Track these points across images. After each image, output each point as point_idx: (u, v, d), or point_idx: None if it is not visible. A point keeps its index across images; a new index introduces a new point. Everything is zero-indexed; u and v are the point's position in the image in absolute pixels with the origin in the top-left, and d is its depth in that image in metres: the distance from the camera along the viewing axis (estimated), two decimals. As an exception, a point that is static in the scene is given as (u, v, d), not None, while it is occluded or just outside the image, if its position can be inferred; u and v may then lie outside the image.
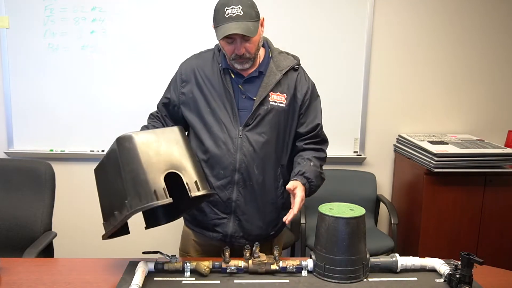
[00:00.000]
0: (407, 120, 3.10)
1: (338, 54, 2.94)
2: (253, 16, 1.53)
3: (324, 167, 3.05)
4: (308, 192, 1.65)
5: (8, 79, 2.85)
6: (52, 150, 2.93)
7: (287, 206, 1.73)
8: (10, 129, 2.91)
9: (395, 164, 3.12)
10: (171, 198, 1.36)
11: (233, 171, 1.63)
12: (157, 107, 1.81)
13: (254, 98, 1.63)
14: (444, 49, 3.04)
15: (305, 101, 1.70)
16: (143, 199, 1.34)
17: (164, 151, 1.45)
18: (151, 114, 1.84)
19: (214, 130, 1.64)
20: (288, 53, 1.75)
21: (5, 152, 2.92)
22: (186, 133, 1.78)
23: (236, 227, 1.67)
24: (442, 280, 1.48)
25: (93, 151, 2.93)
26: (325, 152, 1.78)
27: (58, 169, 2.26)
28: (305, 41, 2.91)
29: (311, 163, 1.67)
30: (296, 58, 1.75)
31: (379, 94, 3.04)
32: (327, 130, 2.98)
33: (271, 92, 1.64)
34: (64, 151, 2.93)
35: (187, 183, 1.42)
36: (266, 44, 1.73)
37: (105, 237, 1.46)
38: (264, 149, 1.64)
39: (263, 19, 1.60)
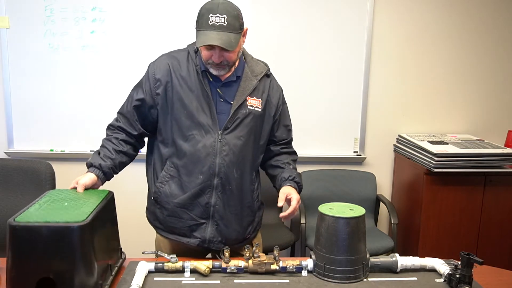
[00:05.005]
0: (407, 120, 3.10)
1: (338, 54, 2.94)
2: (236, 27, 1.51)
3: (324, 167, 3.10)
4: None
5: (8, 79, 2.85)
6: (52, 150, 2.93)
7: (261, 209, 1.81)
8: (10, 129, 2.91)
9: (395, 164, 3.12)
10: None
11: (212, 175, 1.60)
12: (123, 113, 1.69)
13: (232, 102, 1.62)
14: (444, 49, 3.04)
15: (279, 107, 1.75)
16: None
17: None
18: (110, 125, 1.71)
19: (192, 133, 1.59)
20: (258, 60, 1.77)
21: (5, 152, 2.92)
22: (146, 140, 1.75)
23: (214, 231, 1.64)
24: (442, 280, 1.48)
25: (93, 151, 2.88)
26: (296, 154, 1.86)
27: (58, 169, 2.27)
28: (305, 41, 2.91)
29: (291, 167, 1.77)
30: (265, 64, 1.77)
31: (379, 94, 3.04)
32: (327, 130, 3.03)
33: (248, 97, 1.65)
34: (64, 151, 2.93)
35: None
36: None
37: None
38: (243, 152, 1.64)
39: (246, 29, 1.59)
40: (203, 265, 1.48)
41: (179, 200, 1.63)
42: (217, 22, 1.48)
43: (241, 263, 1.49)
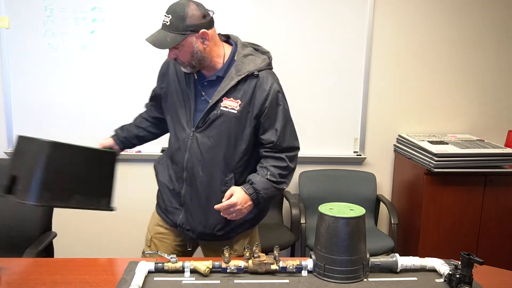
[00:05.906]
0: (407, 120, 3.10)
1: (338, 54, 2.94)
2: (179, 28, 1.52)
3: (324, 167, 3.08)
4: (256, 202, 1.64)
5: (8, 79, 2.85)
6: (52, 150, 2.92)
7: None
8: (10, 129, 2.90)
9: (395, 164, 3.12)
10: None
11: (182, 168, 1.70)
12: (150, 96, 1.91)
13: (210, 101, 1.63)
14: (444, 49, 3.04)
15: (264, 109, 1.62)
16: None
17: None
18: (145, 104, 1.94)
19: (174, 126, 1.72)
20: (256, 55, 1.67)
21: (5, 152, 2.92)
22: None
23: (184, 219, 1.74)
24: (442, 280, 1.48)
25: (93, 151, 2.93)
26: (286, 161, 1.66)
27: (58, 169, 2.26)
28: (305, 41, 2.91)
29: (267, 173, 1.63)
30: (265, 60, 1.66)
31: (379, 94, 3.04)
32: (327, 130, 3.02)
33: (224, 97, 1.61)
34: (64, 151, 2.93)
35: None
36: (235, 46, 1.67)
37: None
38: (211, 153, 1.65)
39: (203, 32, 1.55)
40: (203, 265, 1.48)
41: (164, 180, 1.78)
42: (163, 21, 1.56)
43: (241, 263, 1.49)
